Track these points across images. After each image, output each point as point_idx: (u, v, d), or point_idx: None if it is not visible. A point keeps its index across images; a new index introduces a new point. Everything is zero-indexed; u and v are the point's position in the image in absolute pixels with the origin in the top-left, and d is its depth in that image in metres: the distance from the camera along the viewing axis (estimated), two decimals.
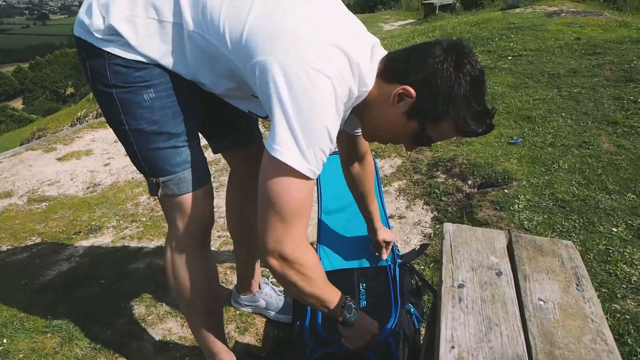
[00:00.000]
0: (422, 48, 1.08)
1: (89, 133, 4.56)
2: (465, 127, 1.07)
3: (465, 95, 1.03)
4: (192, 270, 1.36)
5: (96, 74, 1.14)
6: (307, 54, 0.98)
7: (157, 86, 1.14)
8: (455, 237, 1.12)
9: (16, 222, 2.88)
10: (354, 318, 1.24)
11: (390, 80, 1.09)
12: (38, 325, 1.94)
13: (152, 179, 1.23)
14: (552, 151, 2.96)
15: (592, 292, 0.96)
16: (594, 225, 2.22)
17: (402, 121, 1.11)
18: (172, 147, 1.20)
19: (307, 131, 0.97)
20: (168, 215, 1.32)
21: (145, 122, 1.16)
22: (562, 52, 4.89)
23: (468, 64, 1.03)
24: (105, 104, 1.17)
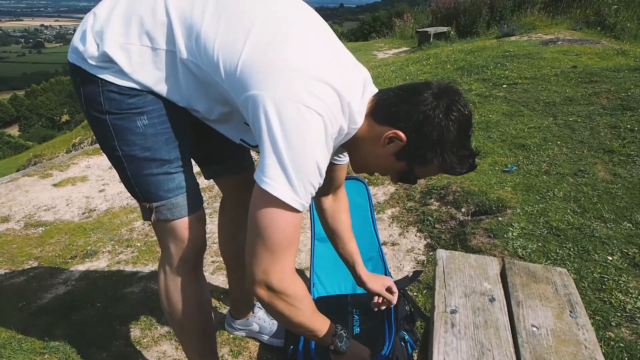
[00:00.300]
0: (413, 91, 1.11)
1: (84, 160, 4.58)
2: (450, 169, 1.12)
3: (453, 141, 1.08)
4: (185, 294, 1.36)
5: (90, 100, 1.15)
6: (300, 91, 1.00)
7: (150, 113, 1.15)
8: (448, 263, 1.13)
9: (13, 246, 2.88)
10: (345, 347, 1.26)
11: (381, 123, 1.12)
12: (35, 346, 1.94)
13: (145, 204, 1.24)
14: (547, 179, 2.98)
15: (585, 319, 0.97)
16: (588, 253, 2.23)
17: (391, 161, 1.16)
18: (165, 173, 1.21)
19: (297, 166, 0.99)
20: (161, 239, 1.33)
21: (138, 148, 1.17)
22: (558, 80, 4.94)
23: (457, 111, 1.07)
24: (99, 130, 1.18)
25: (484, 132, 3.89)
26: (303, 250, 2.59)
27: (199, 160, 1.53)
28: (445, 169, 1.13)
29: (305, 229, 2.81)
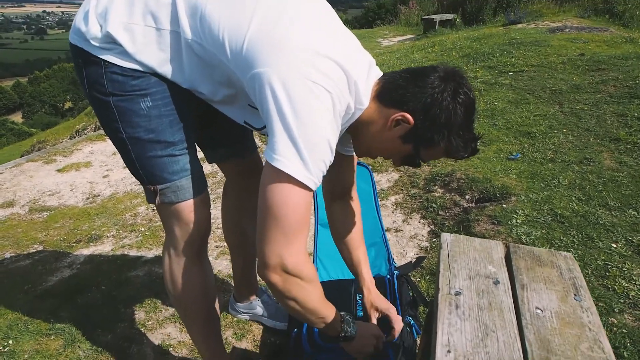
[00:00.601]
0: (420, 74, 1.11)
1: (88, 145, 4.59)
2: (455, 152, 1.12)
3: (460, 124, 1.09)
4: (190, 276, 1.37)
5: (93, 82, 1.14)
6: (307, 68, 0.99)
7: (154, 95, 1.15)
8: (452, 246, 1.13)
9: (18, 230, 2.90)
10: (353, 331, 1.27)
11: (389, 105, 1.12)
12: (42, 328, 1.96)
13: (149, 186, 1.24)
14: (552, 167, 2.97)
15: (590, 302, 0.97)
16: (592, 240, 2.22)
17: (397, 144, 1.15)
18: (170, 155, 1.21)
19: (308, 142, 0.97)
20: (165, 222, 1.33)
21: (142, 130, 1.17)
22: (564, 68, 4.90)
23: (463, 94, 1.07)
24: (102, 112, 1.18)
25: (489, 119, 3.87)
26: None
27: (202, 144, 1.52)
28: (450, 153, 1.13)
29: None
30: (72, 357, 1.80)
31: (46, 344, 1.87)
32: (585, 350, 0.83)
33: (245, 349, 1.83)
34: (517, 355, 0.80)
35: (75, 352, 1.83)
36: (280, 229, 1.01)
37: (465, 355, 0.79)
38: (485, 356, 0.79)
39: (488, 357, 0.79)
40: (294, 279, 1.06)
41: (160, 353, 1.82)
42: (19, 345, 1.87)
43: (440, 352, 0.80)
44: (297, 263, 1.05)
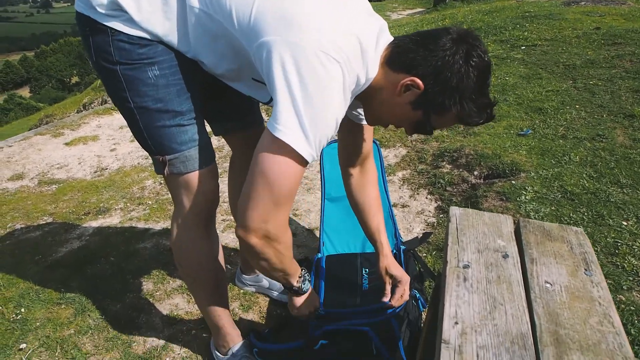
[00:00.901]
0: (431, 37, 1.06)
1: (95, 119, 4.59)
2: (468, 118, 1.08)
3: (472, 88, 1.03)
4: (198, 247, 1.38)
5: (99, 51, 1.13)
6: (318, 38, 0.96)
7: (161, 63, 1.14)
8: (461, 220, 1.12)
9: (28, 202, 2.92)
10: (306, 289, 1.33)
11: (398, 70, 1.07)
12: (52, 297, 2.00)
13: (158, 157, 1.24)
14: (563, 143, 2.93)
15: (600, 277, 0.96)
16: (603, 218, 2.20)
17: (407, 110, 1.11)
18: (178, 125, 1.20)
19: (312, 115, 0.96)
20: (174, 193, 1.33)
21: (150, 99, 1.16)
22: (579, 42, 4.78)
23: (477, 57, 1.02)
24: (110, 81, 1.17)
25: (500, 94, 3.81)
26: (313, 211, 2.59)
27: (209, 116, 1.51)
28: (462, 119, 1.08)
29: (315, 189, 2.81)
30: (82, 325, 1.83)
31: (57, 313, 1.91)
32: (594, 325, 0.82)
33: (252, 320, 1.85)
34: (525, 328, 0.79)
35: (86, 321, 1.86)
36: (271, 196, 1.01)
37: (473, 327, 0.79)
38: (493, 328, 0.79)
39: (496, 330, 0.79)
40: (272, 244, 1.08)
41: (169, 323, 1.85)
42: (31, 314, 1.90)
43: (448, 323, 0.79)
44: (279, 230, 1.07)
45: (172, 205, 2.73)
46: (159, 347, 1.73)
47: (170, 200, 2.78)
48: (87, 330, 1.81)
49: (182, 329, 1.82)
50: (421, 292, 1.68)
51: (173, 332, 1.80)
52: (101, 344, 1.75)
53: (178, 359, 1.69)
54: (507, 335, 0.78)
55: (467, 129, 3.27)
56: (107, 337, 1.78)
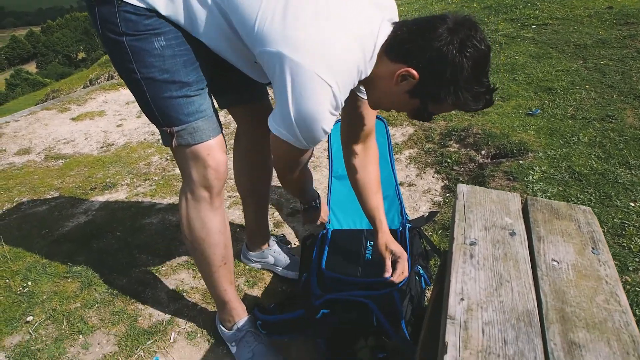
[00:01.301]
0: (428, 26, 1.06)
1: (102, 95, 4.58)
2: (464, 106, 1.10)
3: (467, 78, 1.04)
4: (206, 221, 1.38)
5: (105, 22, 1.12)
6: (315, 59, 1.02)
7: (167, 34, 1.14)
8: (469, 197, 1.11)
9: (35, 177, 2.93)
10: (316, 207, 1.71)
11: (395, 60, 1.10)
12: (59, 271, 2.02)
13: (165, 128, 1.24)
14: (572, 124, 2.90)
15: (608, 256, 0.95)
16: (610, 199, 2.18)
17: (405, 98, 1.14)
18: (185, 96, 1.20)
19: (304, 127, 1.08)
20: (182, 166, 1.32)
21: (156, 70, 1.16)
22: (591, 21, 4.70)
23: (472, 47, 1.02)
24: (116, 52, 1.17)
25: (509, 74, 3.76)
26: (319, 188, 2.59)
27: (215, 89, 1.49)
28: (458, 107, 1.11)
29: (322, 167, 2.80)
30: (88, 299, 1.85)
31: (64, 286, 1.93)
32: (601, 303, 0.81)
33: (257, 296, 1.86)
34: (531, 306, 0.79)
35: (92, 295, 1.88)
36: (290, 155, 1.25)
37: (479, 304, 0.79)
38: (499, 305, 0.79)
39: (502, 306, 0.78)
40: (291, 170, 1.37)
41: (174, 298, 1.86)
42: (38, 287, 1.93)
43: (453, 299, 0.79)
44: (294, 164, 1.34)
45: (178, 181, 2.74)
46: (164, 321, 1.75)
47: (177, 176, 2.79)
48: (94, 303, 1.83)
49: (188, 304, 1.83)
50: (425, 269, 1.68)
51: (178, 307, 1.82)
52: (107, 318, 1.77)
53: (183, 333, 1.71)
54: (513, 312, 0.78)
55: None
56: (113, 310, 1.80)
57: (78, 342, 1.68)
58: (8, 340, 1.69)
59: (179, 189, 2.66)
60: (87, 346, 1.66)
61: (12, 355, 1.62)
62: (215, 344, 1.66)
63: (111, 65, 7.58)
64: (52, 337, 1.69)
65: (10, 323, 1.76)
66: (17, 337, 1.71)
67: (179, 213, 1.41)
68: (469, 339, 0.72)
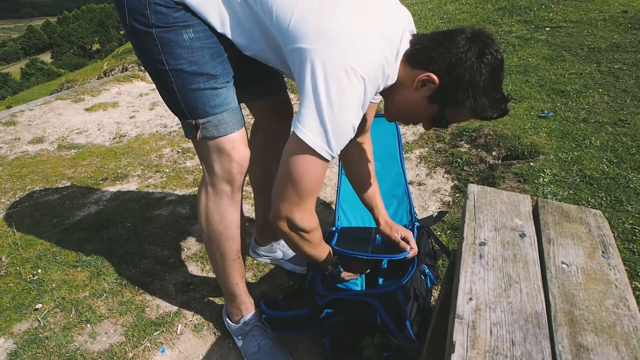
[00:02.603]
0: (447, 36, 1.14)
1: (115, 86, 4.61)
2: (482, 112, 1.15)
3: (485, 84, 1.11)
4: (226, 214, 1.38)
5: (134, 12, 1.13)
6: (349, 56, 1.04)
7: (195, 27, 1.15)
8: (479, 197, 1.11)
9: (47, 166, 2.96)
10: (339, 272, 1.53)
11: (415, 67, 1.16)
12: (69, 259, 2.04)
13: (190, 121, 1.24)
14: (585, 127, 2.87)
15: (618, 260, 0.94)
16: (621, 203, 2.17)
17: (424, 104, 1.19)
18: (211, 88, 1.21)
19: (335, 124, 1.07)
20: (205, 158, 1.33)
21: (185, 62, 1.17)
22: (605, 25, 4.66)
23: (490, 54, 1.10)
24: (144, 43, 1.17)
25: (522, 75, 3.73)
26: (328, 185, 2.59)
27: (235, 82, 1.50)
28: (477, 112, 1.16)
29: (332, 164, 2.80)
30: (97, 288, 1.87)
31: (73, 275, 1.95)
32: (610, 307, 0.81)
33: (264, 290, 1.87)
34: (540, 307, 0.79)
35: (101, 284, 1.90)
36: (295, 191, 1.16)
37: (487, 304, 0.79)
38: (507, 306, 0.79)
39: (510, 307, 0.78)
40: (298, 232, 1.25)
41: (182, 290, 1.88)
42: (48, 275, 1.95)
43: (462, 299, 0.79)
44: (302, 219, 1.22)
45: (189, 173, 2.76)
46: (171, 313, 1.77)
47: (187, 168, 2.81)
48: (102, 293, 1.85)
49: (195, 296, 1.85)
50: (432, 268, 1.68)
51: (186, 299, 1.83)
52: (115, 308, 1.79)
53: (190, 325, 1.72)
54: (522, 313, 0.78)
55: None
56: (121, 300, 1.82)
57: (85, 330, 1.70)
58: (17, 327, 1.71)
59: (189, 181, 2.68)
60: (95, 335, 1.67)
61: (20, 342, 1.65)
62: (222, 337, 1.67)
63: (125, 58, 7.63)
64: (60, 325, 1.71)
65: (19, 310, 1.78)
66: (25, 324, 1.73)
67: (198, 205, 1.41)
68: (476, 339, 0.72)
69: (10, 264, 2.01)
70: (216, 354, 1.62)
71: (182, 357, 1.60)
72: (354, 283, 1.58)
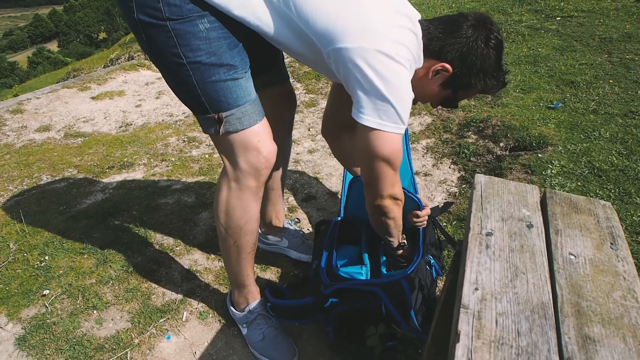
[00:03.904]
0: (453, 24, 1.22)
1: (122, 75, 4.60)
2: (489, 90, 1.30)
3: (493, 66, 1.24)
4: (248, 209, 1.35)
5: (143, 6, 1.09)
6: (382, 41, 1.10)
7: (209, 16, 1.12)
8: (486, 188, 1.09)
9: (54, 154, 2.97)
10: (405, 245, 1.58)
11: (429, 57, 1.24)
12: (75, 247, 2.05)
13: (212, 115, 1.20)
14: (594, 118, 2.84)
15: (627, 252, 0.93)
16: (630, 196, 2.15)
17: (437, 90, 1.30)
18: (232, 79, 1.17)
19: (399, 100, 1.12)
20: (229, 153, 1.28)
21: (203, 53, 1.13)
22: (617, 14, 4.59)
23: (494, 38, 1.21)
24: (157, 37, 1.12)
25: (531, 66, 3.69)
26: (334, 175, 2.58)
27: None
28: (485, 91, 1.30)
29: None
30: (103, 275, 1.88)
31: (80, 262, 1.96)
32: (617, 299, 0.80)
33: (269, 279, 1.88)
34: (546, 298, 0.78)
35: (107, 271, 1.90)
36: (392, 169, 1.23)
37: (493, 294, 0.78)
38: (513, 296, 0.78)
39: (516, 298, 0.78)
40: (398, 203, 1.35)
41: (187, 278, 1.88)
42: (55, 262, 1.96)
43: (468, 289, 0.79)
44: (400, 190, 1.34)
45: (194, 162, 2.76)
46: (177, 300, 1.77)
47: (193, 157, 2.81)
48: (108, 280, 1.86)
49: (201, 284, 1.85)
50: (437, 259, 1.67)
51: (191, 287, 1.84)
52: (121, 295, 1.80)
53: (195, 313, 1.73)
54: (528, 303, 0.77)
55: (494, 100, 3.19)
56: (127, 288, 1.83)
57: (92, 317, 1.71)
58: (25, 312, 1.73)
59: (195, 170, 2.68)
60: (101, 321, 1.69)
61: (27, 327, 1.66)
62: (227, 325, 1.68)
63: (131, 46, 7.61)
64: (67, 311, 1.73)
65: (27, 296, 1.80)
66: (33, 309, 1.74)
67: (217, 199, 1.36)
68: (482, 329, 0.72)
69: (18, 251, 2.03)
70: (221, 342, 1.62)
71: (187, 344, 1.61)
72: (358, 273, 1.57)
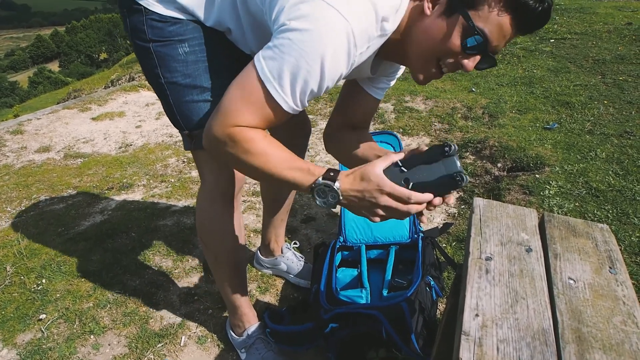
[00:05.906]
0: None
1: (122, 96, 4.63)
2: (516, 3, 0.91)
3: None
4: (222, 224, 1.39)
5: (135, 30, 1.18)
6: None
7: (191, 40, 1.18)
8: (485, 211, 1.10)
9: (53, 175, 2.98)
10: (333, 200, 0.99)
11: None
12: (73, 269, 2.04)
13: (186, 132, 1.26)
14: (590, 139, 2.87)
15: (626, 275, 0.93)
16: (628, 216, 2.15)
17: (445, 23, 0.97)
18: (205, 100, 1.22)
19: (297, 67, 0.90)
20: (201, 169, 1.35)
21: (179, 75, 1.19)
22: (610, 37, 4.67)
23: None
24: (144, 58, 1.22)
25: (526, 87, 3.74)
26: None
27: None
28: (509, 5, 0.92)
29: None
30: (101, 299, 1.87)
31: (77, 285, 1.95)
32: (618, 324, 0.80)
33: (268, 302, 1.87)
34: (547, 324, 0.78)
35: (105, 295, 1.89)
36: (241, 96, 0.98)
37: (494, 320, 0.78)
38: (514, 322, 0.78)
39: (517, 324, 0.78)
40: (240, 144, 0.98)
41: (186, 301, 1.87)
42: (52, 285, 1.95)
43: (468, 315, 0.79)
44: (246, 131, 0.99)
45: (194, 183, 2.76)
46: (175, 324, 1.76)
47: (193, 178, 2.81)
48: (106, 304, 1.85)
49: (199, 308, 1.84)
50: (437, 280, 1.67)
51: (190, 310, 1.83)
52: (119, 319, 1.78)
53: (194, 337, 1.71)
54: (529, 330, 0.77)
55: (491, 121, 3.21)
56: (125, 312, 1.81)
57: (89, 342, 1.69)
58: (20, 338, 1.71)
59: (194, 191, 2.69)
60: (98, 347, 1.67)
61: (23, 353, 1.64)
62: (225, 350, 1.66)
63: (132, 67, 7.68)
64: (63, 336, 1.71)
65: (23, 320, 1.78)
66: (29, 334, 1.73)
67: (196, 215, 1.43)
68: (483, 356, 0.72)
69: (15, 274, 2.02)
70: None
71: None
72: (358, 296, 1.57)
